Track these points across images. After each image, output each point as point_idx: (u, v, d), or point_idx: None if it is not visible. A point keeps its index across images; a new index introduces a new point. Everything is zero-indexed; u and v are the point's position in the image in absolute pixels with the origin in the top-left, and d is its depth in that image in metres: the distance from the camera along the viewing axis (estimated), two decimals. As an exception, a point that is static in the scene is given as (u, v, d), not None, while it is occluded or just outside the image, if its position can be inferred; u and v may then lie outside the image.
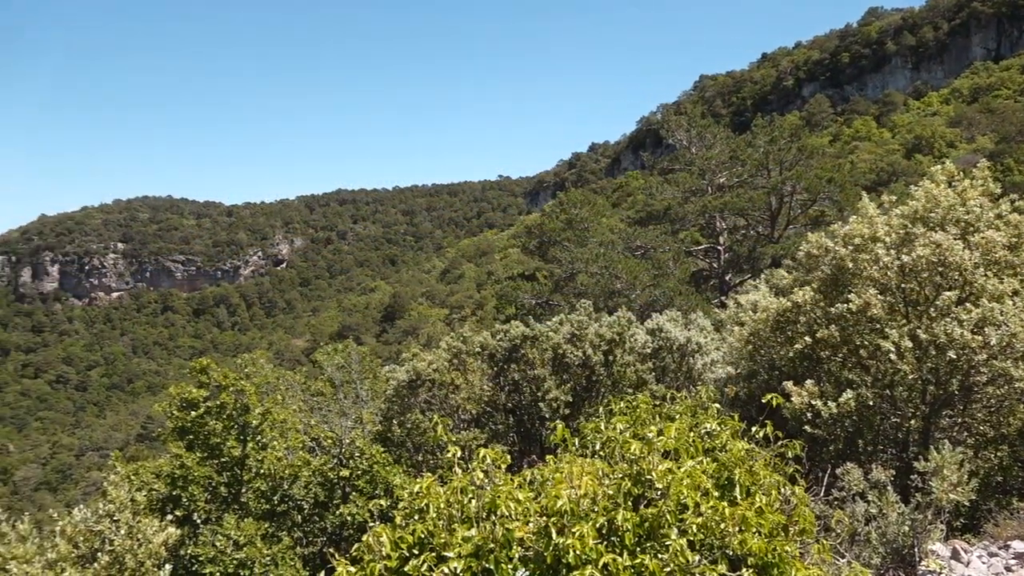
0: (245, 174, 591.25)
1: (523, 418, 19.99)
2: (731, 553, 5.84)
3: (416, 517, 6.11)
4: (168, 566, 11.62)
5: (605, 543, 5.64)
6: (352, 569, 5.82)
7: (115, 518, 11.39)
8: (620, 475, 6.23)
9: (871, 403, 13.19)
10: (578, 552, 5.35)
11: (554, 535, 5.51)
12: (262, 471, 15.65)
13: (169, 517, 13.12)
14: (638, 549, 5.70)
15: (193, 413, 15.53)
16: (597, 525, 5.66)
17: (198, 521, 14.56)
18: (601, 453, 7.01)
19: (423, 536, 5.85)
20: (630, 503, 6.02)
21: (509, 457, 6.67)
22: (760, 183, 43.94)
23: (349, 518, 15.23)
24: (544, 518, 5.74)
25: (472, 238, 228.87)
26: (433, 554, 5.67)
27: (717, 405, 7.90)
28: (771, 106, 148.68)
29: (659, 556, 5.60)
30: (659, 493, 6.03)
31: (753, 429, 7.27)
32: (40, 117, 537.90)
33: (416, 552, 5.76)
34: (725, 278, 43.59)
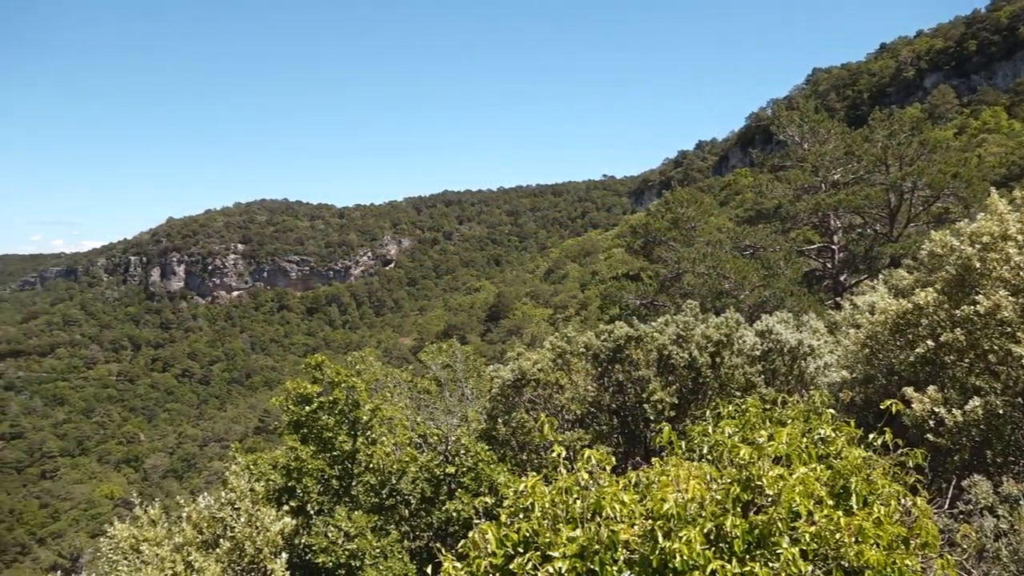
0: (356, 176, 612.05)
1: (627, 419, 19.79)
2: (846, 565, 5.62)
3: (521, 516, 6.15)
4: (284, 554, 12.10)
5: (713, 549, 5.53)
6: (458, 565, 5.91)
7: (236, 506, 11.96)
8: (728, 480, 6.09)
9: (1001, 411, 12.40)
10: (685, 557, 5.27)
11: (660, 539, 5.44)
12: (371, 465, 16.09)
13: (285, 507, 13.65)
14: (747, 556, 5.56)
15: (307, 408, 16.14)
16: (705, 530, 5.55)
17: (311, 512, 15.11)
18: (708, 457, 6.88)
19: (528, 535, 5.88)
20: (739, 509, 5.88)
21: (614, 459, 6.63)
22: (878, 179, 41.98)
23: (455, 514, 15.47)
24: (650, 521, 5.67)
25: (576, 238, 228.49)
26: (538, 553, 5.69)
27: (831, 410, 7.62)
28: (890, 99, 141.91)
29: (770, 564, 5.44)
30: (769, 500, 5.86)
31: (870, 436, 6.98)
32: (167, 125, 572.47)
33: (521, 550, 5.80)
34: (839, 279, 41.89)
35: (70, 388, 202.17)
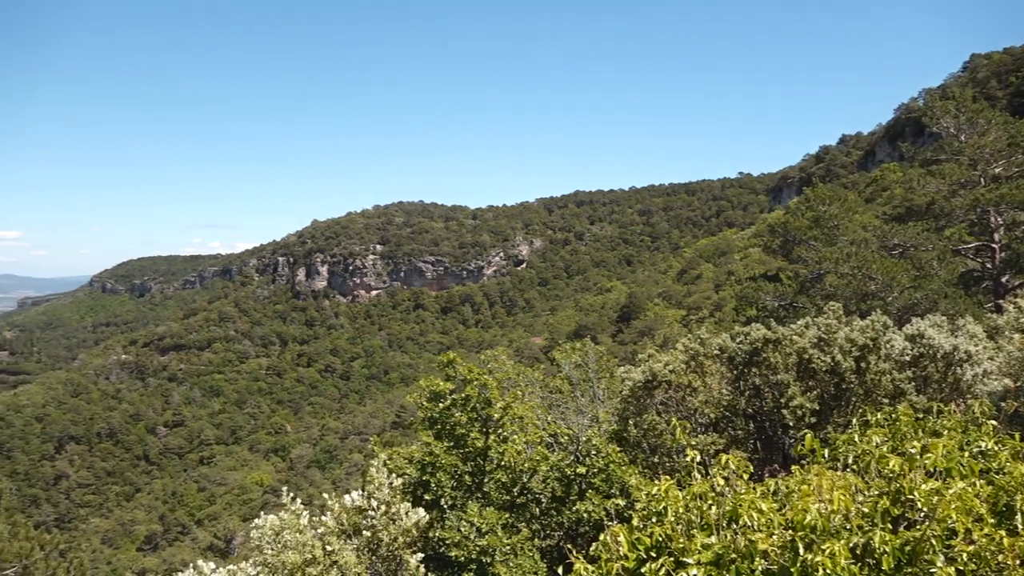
0: (488, 177, 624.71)
1: (764, 425, 19.13)
2: (1011, 589, 5.19)
3: (654, 520, 6.05)
4: (419, 544, 12.46)
5: (859, 564, 5.25)
6: (590, 567, 5.88)
7: (374, 497, 12.43)
8: (876, 492, 5.77)
9: None
10: (828, 571, 5.02)
11: (801, 550, 5.21)
12: (503, 463, 16.28)
13: (423, 502, 14.05)
14: (897, 574, 5.24)
15: (441, 405, 16.54)
16: (850, 544, 5.27)
17: (444, 506, 15.46)
18: (854, 467, 6.55)
19: (661, 539, 5.78)
20: (888, 523, 5.55)
21: (750, 465, 6.42)
22: (1046, 172, 38.71)
23: (585, 515, 15.42)
24: (790, 532, 5.45)
25: (710, 237, 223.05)
26: (671, 559, 5.58)
27: (993, 422, 7.09)
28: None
29: (922, 584, 5.11)
30: (922, 515, 5.50)
31: (1039, 451, 6.43)
32: (311, 133, 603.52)
33: (654, 555, 5.70)
34: (1001, 280, 38.88)
35: (225, 380, 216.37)
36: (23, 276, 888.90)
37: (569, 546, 7.09)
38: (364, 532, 12.12)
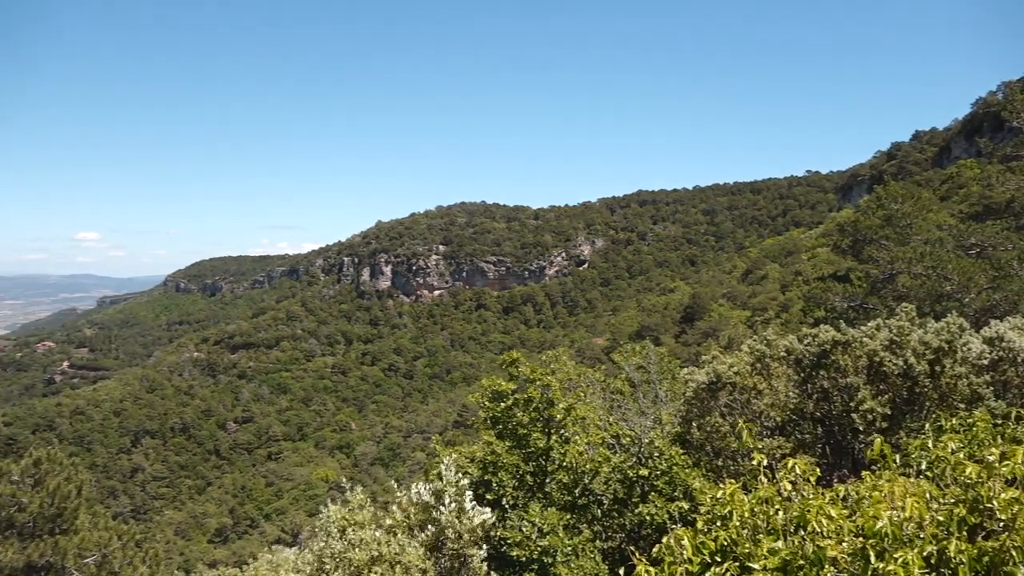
0: (550, 177, 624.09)
1: (833, 429, 18.67)
2: (1097, 604, 4.96)
3: (718, 524, 5.97)
4: (484, 545, 12.53)
5: (933, 574, 5.08)
6: (652, 569, 5.83)
7: (443, 492, 12.58)
8: (952, 500, 5.58)
9: None
10: (901, 580, 4.88)
11: (872, 558, 5.08)
12: (565, 464, 16.26)
13: (485, 505, 14.13)
14: (974, 586, 5.06)
15: (502, 404, 16.59)
16: (924, 553, 5.11)
17: (506, 506, 15.51)
18: (927, 474, 6.34)
19: (726, 544, 5.70)
20: (964, 533, 5.36)
21: (818, 470, 6.28)
22: None
23: (648, 518, 15.28)
24: (860, 539, 5.31)
25: (776, 237, 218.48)
26: (736, 564, 5.50)
27: (1079, 429, 6.79)
28: None
29: (1001, 596, 4.92)
30: (1002, 525, 5.30)
31: None
32: (372, 137, 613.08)
33: (718, 559, 5.63)
34: (1087, 280, 37.16)
35: (292, 378, 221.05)
36: (102, 276, 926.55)
37: (631, 548, 7.04)
38: (431, 527, 12.27)
